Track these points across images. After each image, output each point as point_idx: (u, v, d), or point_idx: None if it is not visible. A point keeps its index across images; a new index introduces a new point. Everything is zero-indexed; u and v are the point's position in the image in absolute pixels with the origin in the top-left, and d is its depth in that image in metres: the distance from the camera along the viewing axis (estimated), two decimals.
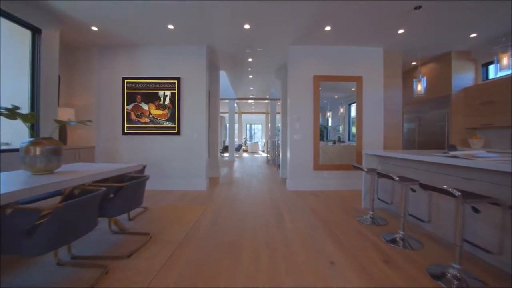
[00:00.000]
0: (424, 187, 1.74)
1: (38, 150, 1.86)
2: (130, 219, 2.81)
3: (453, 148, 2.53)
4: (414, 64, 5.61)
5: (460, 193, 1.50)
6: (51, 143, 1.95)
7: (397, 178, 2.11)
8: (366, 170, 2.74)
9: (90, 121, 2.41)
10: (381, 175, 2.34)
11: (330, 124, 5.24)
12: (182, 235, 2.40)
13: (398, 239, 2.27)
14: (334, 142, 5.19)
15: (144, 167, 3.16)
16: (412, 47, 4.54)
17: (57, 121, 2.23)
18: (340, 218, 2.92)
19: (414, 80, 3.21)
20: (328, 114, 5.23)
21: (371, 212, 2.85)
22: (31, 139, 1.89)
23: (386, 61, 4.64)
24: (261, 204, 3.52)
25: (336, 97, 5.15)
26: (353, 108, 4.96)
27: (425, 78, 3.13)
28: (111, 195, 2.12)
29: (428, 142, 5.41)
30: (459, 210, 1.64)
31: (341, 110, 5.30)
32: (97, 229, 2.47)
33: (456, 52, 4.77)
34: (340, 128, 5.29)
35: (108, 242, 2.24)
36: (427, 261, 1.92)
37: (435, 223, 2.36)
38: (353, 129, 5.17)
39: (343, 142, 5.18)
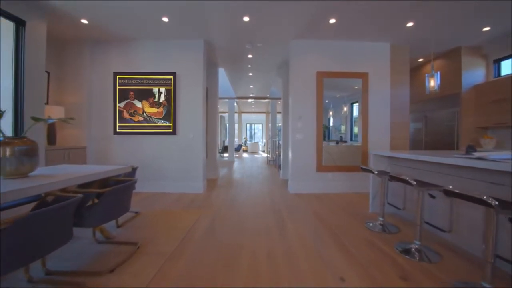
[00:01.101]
0: (450, 194, 1.50)
1: (8, 151, 1.63)
2: (118, 226, 2.58)
3: (472, 148, 2.30)
4: (421, 61, 5.38)
5: (497, 203, 1.27)
6: (24, 143, 1.72)
7: (414, 183, 1.87)
8: (376, 172, 2.51)
9: (72, 118, 2.19)
10: (394, 178, 2.11)
11: (331, 124, 5.02)
12: (174, 245, 2.17)
13: (413, 250, 2.04)
14: (337, 142, 4.96)
15: (135, 169, 2.93)
16: (420, 42, 4.30)
17: (33, 118, 2.00)
18: (347, 225, 2.68)
19: (426, 75, 2.98)
20: (331, 113, 5.01)
21: (381, 219, 2.62)
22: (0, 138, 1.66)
23: (393, 57, 4.40)
24: (261, 209, 3.29)
25: (338, 96, 4.93)
26: (355, 107, 4.78)
27: (438, 73, 2.90)
28: (93, 202, 1.89)
29: (436, 142, 5.18)
30: (491, 221, 1.41)
31: (345, 109, 5.08)
32: (80, 237, 2.25)
33: (466, 47, 4.54)
34: (342, 128, 5.08)
35: (91, 253, 2.01)
36: (450, 276, 1.69)
37: (456, 233, 2.12)
38: (355, 129, 4.99)
39: (345, 142, 4.98)
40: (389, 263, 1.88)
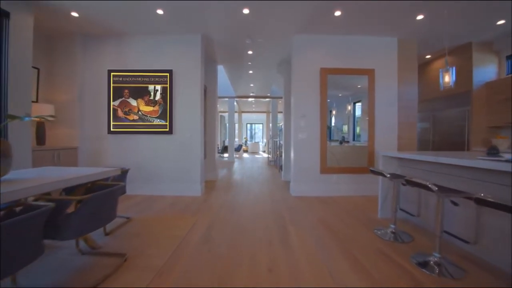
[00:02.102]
0: (482, 202, 1.29)
1: None
2: (106, 234, 2.37)
3: (495, 149, 2.08)
4: (428, 58, 5.16)
5: None
6: None
7: (436, 188, 1.66)
8: (388, 175, 2.29)
9: (52, 116, 1.97)
10: (411, 183, 1.89)
11: (333, 123, 4.82)
12: (166, 256, 1.95)
13: (432, 263, 1.82)
14: (340, 142, 4.76)
15: (126, 172, 2.72)
16: (429, 37, 4.09)
17: (9, 116, 1.78)
18: (356, 233, 2.46)
19: (440, 70, 2.76)
20: (334, 112, 4.80)
21: (392, 226, 2.40)
22: None
23: (401, 53, 4.18)
24: (262, 214, 3.07)
25: (340, 95, 4.72)
26: (358, 107, 4.58)
27: (453, 68, 2.67)
28: (70, 210, 1.67)
29: (444, 142, 4.96)
30: None
31: (349, 107, 4.86)
32: (61, 247, 2.04)
33: (477, 43, 4.32)
34: (345, 128, 4.88)
35: (72, 266, 1.80)
36: None
37: (481, 245, 1.90)
38: (358, 129, 4.79)
39: (348, 142, 4.77)
40: (407, 279, 1.66)
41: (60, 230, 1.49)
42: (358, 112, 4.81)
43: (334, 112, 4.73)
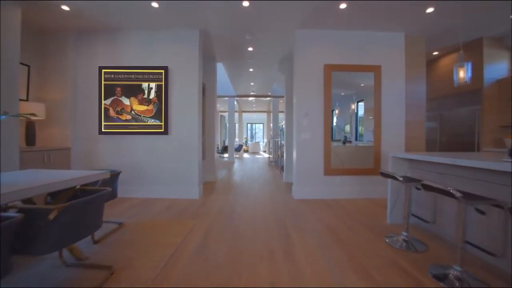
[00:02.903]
0: None
1: None
2: (95, 242, 2.18)
3: None
4: (436, 55, 4.96)
5: None
6: None
7: (460, 195, 1.47)
8: (401, 179, 2.10)
9: (33, 114, 1.79)
10: (429, 188, 1.70)
11: (335, 123, 4.65)
12: (158, 268, 1.77)
13: (452, 277, 1.63)
14: (344, 142, 4.57)
15: (117, 174, 2.54)
16: (437, 32, 3.90)
17: None
18: (365, 241, 2.28)
19: (455, 65, 2.57)
20: (337, 111, 4.62)
21: (404, 233, 2.22)
22: None
23: (408, 49, 3.99)
24: (263, 220, 2.88)
25: (342, 94, 4.54)
26: (360, 106, 4.43)
27: (470, 63, 2.48)
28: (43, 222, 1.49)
29: (452, 142, 4.76)
30: None
31: (352, 106, 4.68)
32: (44, 257, 1.86)
33: (488, 38, 4.12)
34: (347, 128, 4.70)
35: (52, 281, 1.62)
36: None
37: (505, 255, 1.71)
38: (361, 129, 4.62)
39: (350, 142, 4.59)
40: None
41: (34, 244, 1.31)
42: (360, 112, 4.65)
43: (337, 112, 4.55)
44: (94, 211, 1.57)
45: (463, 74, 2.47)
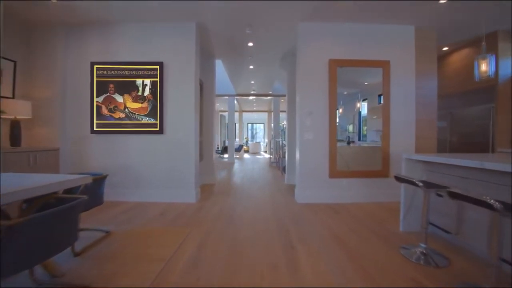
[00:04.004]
0: None
1: None
2: (75, 255, 1.95)
3: None
4: (446, 50, 4.71)
5: None
6: None
7: (500, 206, 1.22)
8: (421, 185, 1.85)
9: (2, 111, 1.56)
10: (459, 197, 1.46)
11: (337, 123, 4.44)
12: None
13: None
14: (348, 143, 4.35)
15: (103, 178, 2.30)
16: (448, 25, 3.65)
17: None
18: (378, 253, 2.04)
19: (476, 57, 2.33)
20: (340, 110, 4.39)
21: (423, 245, 1.97)
22: None
23: (418, 43, 3.74)
24: (264, 228, 2.64)
25: (345, 93, 4.31)
26: (363, 105, 4.30)
27: (493, 56, 2.24)
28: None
29: (463, 143, 4.51)
30: None
31: (358, 105, 4.46)
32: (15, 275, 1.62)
33: (503, 31, 3.87)
34: (350, 128, 4.48)
35: None
36: None
37: None
38: (364, 129, 4.41)
39: (353, 142, 4.38)
40: None
41: None
42: (364, 111, 4.44)
43: (340, 111, 4.33)
44: (65, 224, 1.33)
45: (485, 67, 2.23)
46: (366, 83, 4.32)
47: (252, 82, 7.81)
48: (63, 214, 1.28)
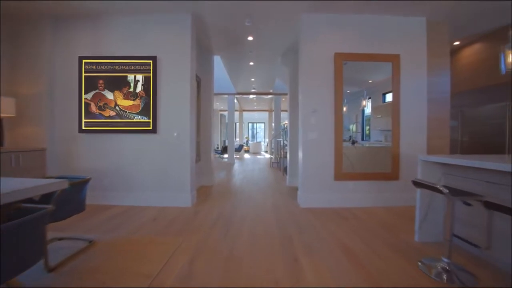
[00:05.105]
0: None
1: None
2: (50, 270, 1.71)
3: None
4: (457, 45, 4.46)
5: None
6: None
7: None
8: (446, 191, 1.60)
9: None
10: (498, 208, 1.21)
11: None
12: None
13: None
14: (353, 143, 4.10)
15: (85, 182, 2.07)
16: (463, 17, 3.41)
17: None
18: (394, 268, 1.79)
19: (504, 47, 2.08)
20: (344, 109, 4.15)
21: (445, 260, 1.73)
22: None
23: (430, 36, 3.49)
24: (264, 236, 2.40)
25: (348, 91, 4.07)
26: (369, 103, 3.99)
27: None
28: None
29: (476, 143, 4.25)
30: None
31: (364, 103, 4.21)
32: None
33: None
34: (352, 127, 4.25)
35: None
36: None
37: None
38: (366, 128, 4.18)
39: (356, 142, 4.13)
40: None
41: None
42: (368, 110, 4.20)
43: (344, 110, 4.09)
44: (24, 240, 1.09)
45: None
46: (370, 81, 4.07)
47: (253, 79, 7.57)
48: (22, 229, 1.04)
